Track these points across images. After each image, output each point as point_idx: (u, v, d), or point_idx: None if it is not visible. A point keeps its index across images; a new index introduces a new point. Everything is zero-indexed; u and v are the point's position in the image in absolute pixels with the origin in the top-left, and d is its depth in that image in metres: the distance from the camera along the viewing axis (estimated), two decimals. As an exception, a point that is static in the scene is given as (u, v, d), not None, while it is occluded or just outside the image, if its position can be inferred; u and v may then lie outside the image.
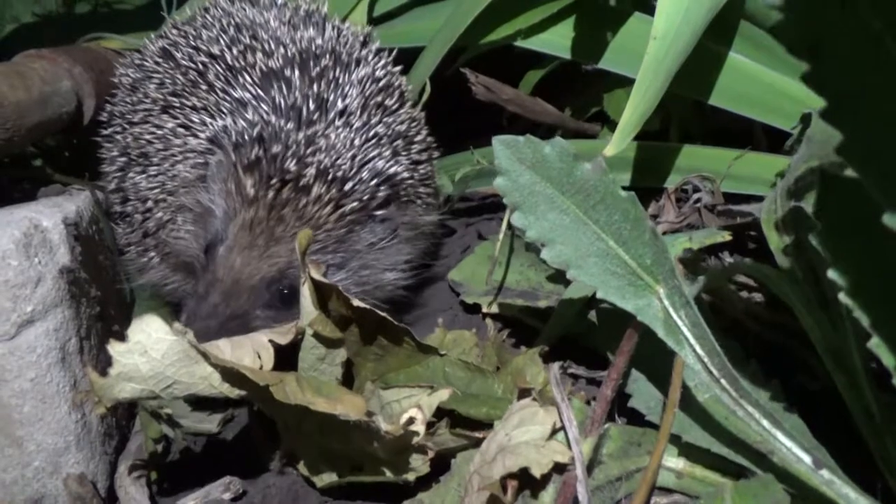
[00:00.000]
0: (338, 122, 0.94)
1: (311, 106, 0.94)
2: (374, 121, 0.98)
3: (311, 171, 0.88)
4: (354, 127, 0.95)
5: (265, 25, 1.04)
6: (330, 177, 0.89)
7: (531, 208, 0.70)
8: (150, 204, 1.02)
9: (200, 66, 1.01)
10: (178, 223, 0.99)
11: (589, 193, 0.69)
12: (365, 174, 0.92)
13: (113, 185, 1.08)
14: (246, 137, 0.89)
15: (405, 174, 0.98)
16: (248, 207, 0.87)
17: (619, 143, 0.84)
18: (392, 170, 0.95)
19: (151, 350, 0.66)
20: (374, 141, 0.96)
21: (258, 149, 0.88)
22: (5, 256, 0.77)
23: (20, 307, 0.78)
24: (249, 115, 0.93)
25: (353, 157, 0.92)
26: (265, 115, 0.93)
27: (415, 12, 1.32)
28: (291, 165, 0.88)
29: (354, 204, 0.90)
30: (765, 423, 0.64)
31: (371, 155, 0.94)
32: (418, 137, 1.06)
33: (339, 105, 0.96)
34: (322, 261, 0.89)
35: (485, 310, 1.09)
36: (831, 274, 0.49)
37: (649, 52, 0.86)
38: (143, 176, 1.03)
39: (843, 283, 0.49)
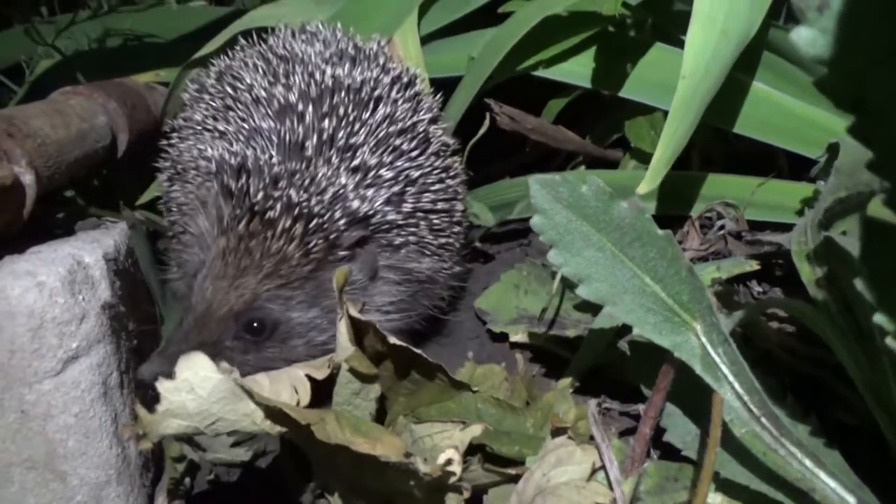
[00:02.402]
0: (335, 160, 0.93)
1: (315, 141, 0.93)
2: (381, 161, 0.95)
3: (279, 205, 0.87)
4: (351, 166, 0.93)
5: (307, 62, 1.05)
6: (296, 212, 0.87)
7: (567, 246, 0.71)
8: (186, 219, 1.04)
9: (236, 94, 1.04)
10: (188, 244, 1.00)
11: (625, 231, 0.70)
12: (337, 213, 0.89)
13: (164, 190, 1.13)
14: (227, 167, 0.90)
15: (392, 217, 0.94)
16: (222, 236, 0.89)
17: (651, 180, 0.86)
18: (368, 210, 0.91)
19: (198, 388, 0.67)
20: (370, 181, 0.94)
21: (235, 179, 0.89)
22: (52, 294, 0.79)
23: (66, 343, 0.80)
24: (238, 147, 0.94)
25: (333, 194, 0.90)
26: (260, 147, 0.94)
27: (440, 43, 1.35)
28: (259, 197, 0.88)
29: (320, 242, 0.89)
30: (807, 462, 0.63)
31: (353, 194, 0.91)
32: (437, 186, 1.03)
33: (343, 143, 0.94)
34: (287, 296, 0.89)
35: (512, 339, 1.10)
36: (877, 318, 0.50)
37: (679, 91, 0.87)
38: (182, 192, 1.06)
39: (889, 327, 0.49)
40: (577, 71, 1.22)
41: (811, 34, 0.44)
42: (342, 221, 0.90)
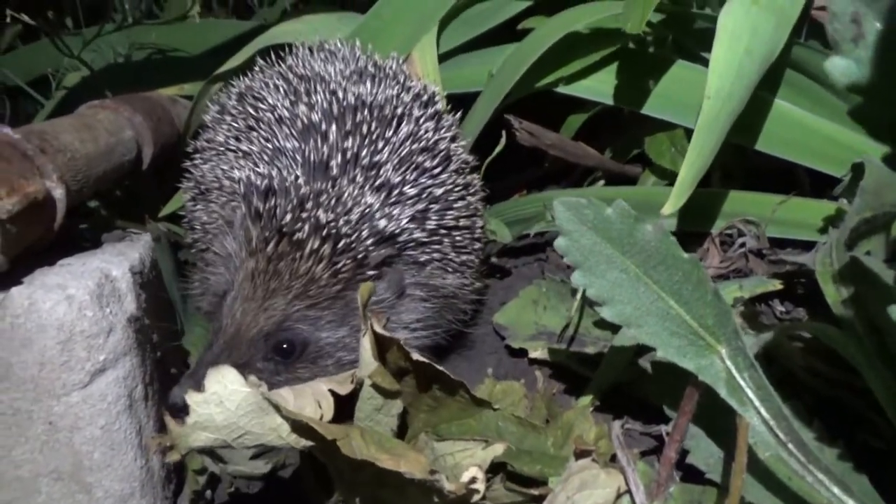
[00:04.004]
0: (359, 178, 0.94)
1: (339, 160, 0.94)
2: (405, 178, 0.97)
3: (307, 226, 0.88)
4: (376, 184, 0.94)
5: (328, 80, 1.06)
6: (325, 233, 0.88)
7: (592, 268, 0.71)
8: (210, 237, 1.06)
9: (258, 114, 1.05)
10: (213, 263, 1.02)
11: (650, 254, 0.70)
12: (364, 232, 0.90)
13: (187, 209, 1.15)
14: (254, 189, 0.91)
15: (418, 235, 0.95)
16: (250, 258, 0.89)
17: (676, 200, 0.85)
18: (394, 228, 0.92)
19: (226, 401, 0.68)
20: (395, 197, 0.95)
21: (263, 201, 0.90)
22: (82, 307, 0.80)
23: (94, 356, 0.81)
24: (264, 168, 0.95)
25: (360, 213, 0.91)
26: (285, 168, 0.95)
27: (460, 58, 1.36)
28: (288, 219, 0.88)
29: (348, 262, 0.89)
30: (835, 489, 0.63)
31: (379, 213, 0.92)
32: (459, 203, 1.04)
33: (367, 161, 0.95)
34: (317, 316, 0.90)
35: (531, 355, 1.10)
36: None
37: (704, 111, 0.87)
38: (205, 211, 1.08)
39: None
40: (599, 87, 1.22)
41: (845, 64, 0.45)
42: (370, 241, 0.91)
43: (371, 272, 0.91)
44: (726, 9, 0.94)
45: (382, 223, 0.92)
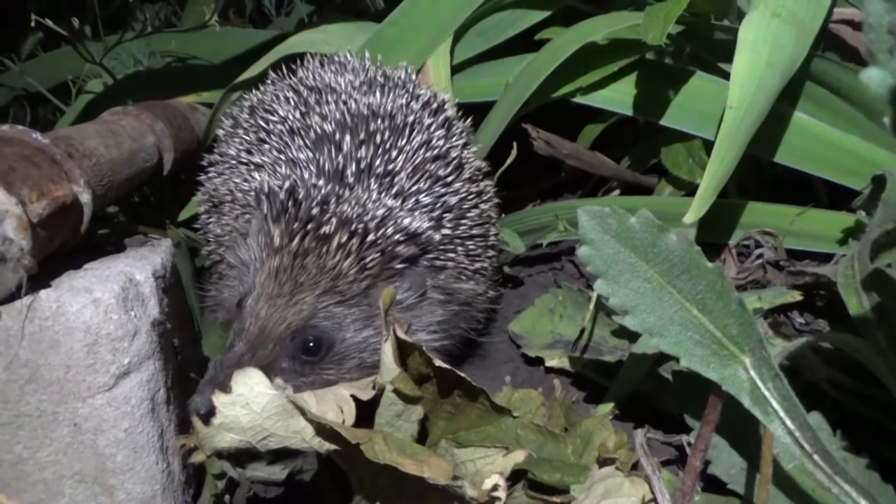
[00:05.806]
0: (373, 186, 0.95)
1: (354, 169, 0.95)
2: (419, 187, 0.97)
3: (334, 220, 0.88)
4: (393, 191, 0.95)
5: (339, 91, 1.07)
6: (352, 227, 0.88)
7: (615, 277, 0.71)
8: (222, 250, 1.07)
9: (269, 126, 1.06)
10: (226, 275, 1.02)
11: (674, 263, 0.70)
12: (390, 229, 0.90)
13: (201, 222, 1.16)
14: (276, 189, 0.90)
15: (437, 237, 0.95)
16: (274, 256, 0.88)
17: (697, 210, 0.86)
18: (418, 227, 0.92)
19: (252, 403, 0.69)
20: (411, 205, 0.96)
21: (286, 199, 0.89)
22: (108, 311, 0.81)
23: (118, 359, 0.82)
24: (284, 171, 0.96)
25: (382, 213, 0.91)
26: (303, 173, 0.95)
27: (476, 68, 1.37)
28: (315, 213, 0.88)
29: (376, 256, 0.89)
30: (862, 501, 0.62)
31: (400, 214, 0.92)
32: (472, 212, 1.04)
33: (381, 169, 0.96)
34: (343, 314, 0.89)
35: (548, 363, 1.10)
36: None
37: (725, 122, 0.88)
38: (218, 224, 1.09)
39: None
40: (616, 98, 1.23)
41: (882, 75, 0.45)
42: (397, 236, 0.90)
43: (399, 266, 0.91)
44: (747, 21, 0.94)
45: (407, 220, 0.91)
